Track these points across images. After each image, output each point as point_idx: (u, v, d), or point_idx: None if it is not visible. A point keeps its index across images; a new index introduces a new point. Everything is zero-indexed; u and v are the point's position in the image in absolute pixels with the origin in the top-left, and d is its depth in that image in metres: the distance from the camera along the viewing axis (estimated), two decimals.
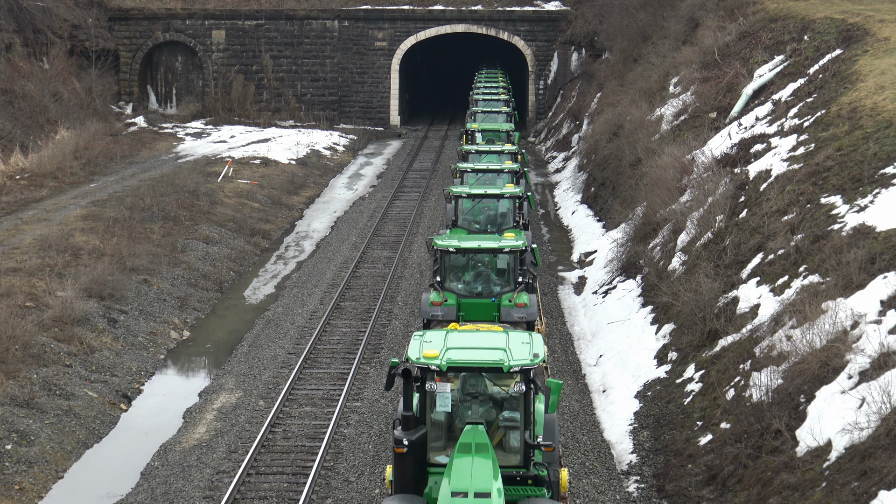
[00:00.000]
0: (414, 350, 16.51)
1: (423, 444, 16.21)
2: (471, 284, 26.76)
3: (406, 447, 15.86)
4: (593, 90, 62.45)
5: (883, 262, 21.13)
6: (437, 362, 16.05)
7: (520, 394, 16.35)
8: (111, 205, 42.95)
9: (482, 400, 17.09)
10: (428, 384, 16.25)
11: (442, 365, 16.04)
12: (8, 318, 27.81)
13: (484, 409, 17.02)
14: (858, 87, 30.20)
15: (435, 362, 16.04)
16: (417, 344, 16.75)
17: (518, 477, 16.24)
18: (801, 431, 18.53)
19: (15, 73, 60.23)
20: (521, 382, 16.19)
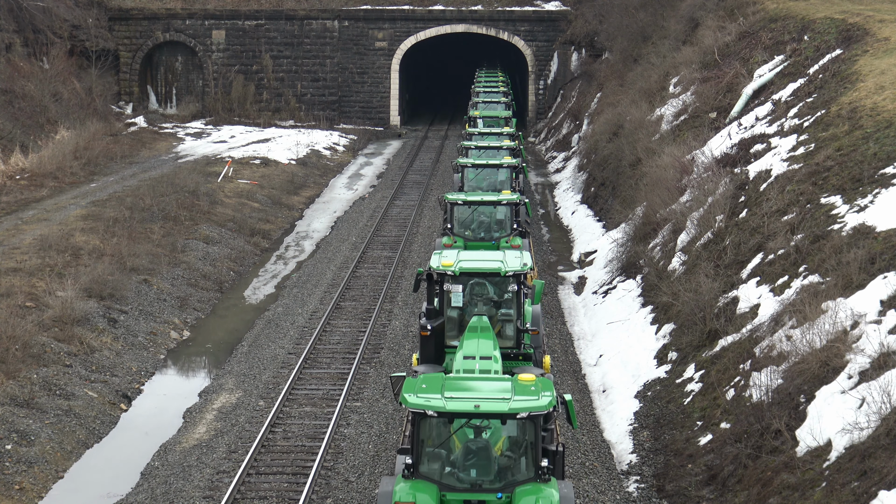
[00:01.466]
0: (435, 261, 21.93)
1: (441, 330, 21.41)
2: (475, 231, 31.77)
3: (429, 331, 21.26)
4: (593, 90, 62.45)
5: (883, 262, 21.13)
6: (452, 269, 21.50)
7: (513, 293, 21.88)
8: (111, 205, 42.95)
9: (485, 300, 22.29)
10: (445, 286, 21.63)
11: (456, 270, 21.53)
12: (8, 318, 27.81)
13: (486, 308, 22.10)
14: (858, 87, 30.20)
15: (450, 269, 21.47)
16: (437, 258, 22.12)
17: (512, 354, 21.57)
18: (801, 431, 18.54)
19: (15, 73, 60.23)
20: (514, 283, 21.74)
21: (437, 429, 15.89)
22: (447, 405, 15.34)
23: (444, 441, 15.94)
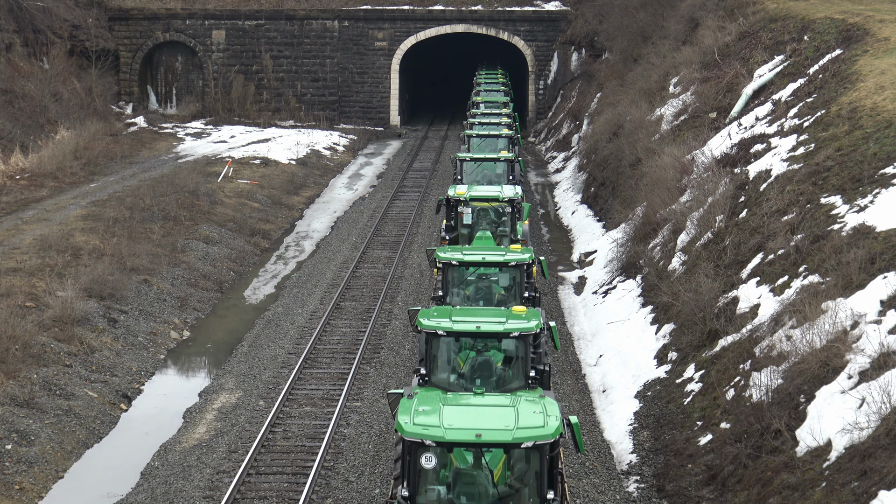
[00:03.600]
0: (451, 191, 31.25)
1: (455, 241, 30.50)
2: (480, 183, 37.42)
3: (448, 241, 30.56)
4: (593, 90, 62.45)
5: (883, 262, 21.13)
6: (465, 196, 30.78)
7: (508, 214, 31.07)
8: (111, 205, 42.95)
9: (488, 221, 31.30)
10: (459, 208, 30.81)
11: (467, 197, 30.86)
12: (8, 318, 27.81)
13: (488, 224, 31.12)
14: (858, 87, 30.20)
15: (463, 196, 30.77)
16: (453, 189, 31.43)
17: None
18: (801, 431, 18.54)
19: (15, 73, 60.23)
20: (509, 206, 30.95)
21: (446, 346, 19.65)
22: (454, 326, 19.04)
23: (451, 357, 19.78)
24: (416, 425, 14.65)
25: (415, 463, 14.71)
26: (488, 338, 19.59)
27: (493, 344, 19.94)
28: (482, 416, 14.94)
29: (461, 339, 19.97)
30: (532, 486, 14.98)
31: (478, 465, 15.30)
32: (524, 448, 14.54)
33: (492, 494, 15.24)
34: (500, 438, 14.51)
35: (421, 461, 14.65)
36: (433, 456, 14.65)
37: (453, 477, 15.42)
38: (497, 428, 14.57)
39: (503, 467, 15.56)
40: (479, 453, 15.27)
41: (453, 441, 14.59)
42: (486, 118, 50.54)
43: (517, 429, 14.54)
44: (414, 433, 14.56)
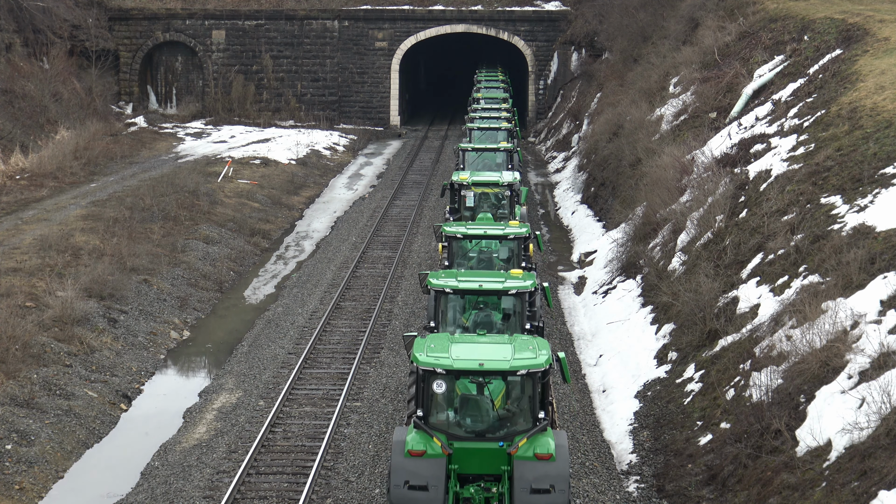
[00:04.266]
0: (455, 176, 33.62)
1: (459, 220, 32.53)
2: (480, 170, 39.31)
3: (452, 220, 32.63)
4: (593, 90, 62.45)
5: (883, 262, 21.13)
6: (467, 181, 33.19)
7: (507, 198, 33.41)
8: (111, 205, 42.94)
9: (489, 204, 33.51)
10: (462, 192, 33.14)
11: (469, 182, 33.25)
12: (8, 318, 27.80)
13: (489, 207, 33.40)
14: (858, 87, 30.20)
15: (466, 181, 33.15)
16: (457, 175, 33.79)
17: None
18: (801, 431, 18.54)
19: (15, 73, 60.21)
20: (508, 190, 33.37)
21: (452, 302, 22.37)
22: (460, 285, 21.77)
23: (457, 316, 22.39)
24: (429, 357, 17.16)
25: (428, 389, 17.27)
26: (489, 295, 22.25)
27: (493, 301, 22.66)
28: (484, 351, 17.62)
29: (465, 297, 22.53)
30: (526, 410, 17.52)
31: (480, 393, 17.78)
32: (519, 375, 17.10)
33: (492, 417, 17.72)
34: (499, 367, 17.13)
35: (433, 387, 17.23)
36: (443, 382, 17.23)
37: (460, 402, 17.80)
38: (497, 359, 17.21)
39: (502, 398, 17.97)
40: (482, 383, 17.70)
41: (460, 369, 17.15)
42: (487, 112, 52.53)
43: (513, 359, 17.21)
44: (427, 363, 17.10)
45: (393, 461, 17.16)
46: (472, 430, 17.62)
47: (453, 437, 17.31)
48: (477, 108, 54.00)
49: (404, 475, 16.89)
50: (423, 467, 16.89)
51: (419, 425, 17.25)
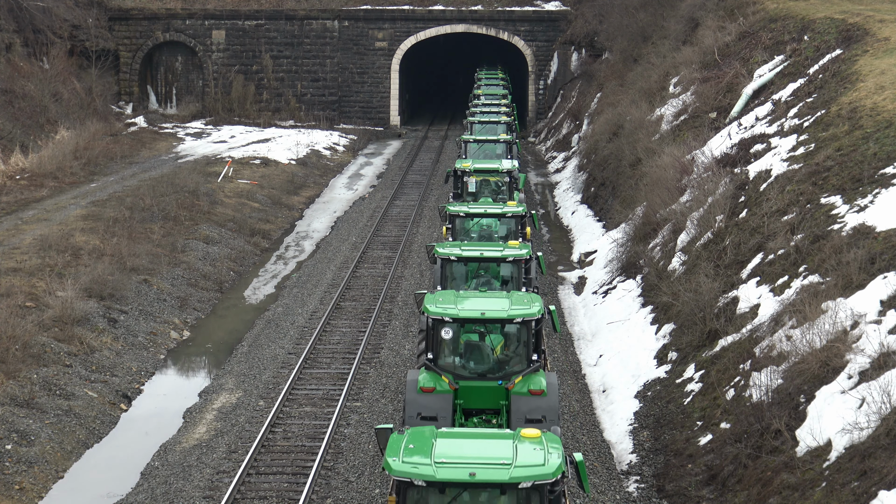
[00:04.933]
0: (458, 164, 36.16)
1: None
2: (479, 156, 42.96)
3: None
4: (593, 90, 62.45)
5: (883, 262, 21.13)
6: (469, 168, 35.65)
7: (506, 184, 36.01)
8: (111, 205, 42.94)
9: (489, 189, 35.94)
10: (464, 178, 35.65)
11: (471, 169, 35.75)
12: (8, 318, 27.80)
13: (489, 192, 35.77)
14: (858, 87, 30.20)
15: (468, 168, 35.65)
16: (460, 163, 36.23)
17: None
18: (801, 431, 18.54)
19: (15, 73, 60.21)
20: (507, 177, 35.99)
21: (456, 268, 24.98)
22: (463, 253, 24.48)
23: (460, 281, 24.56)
24: (438, 307, 19.93)
25: (437, 335, 20.01)
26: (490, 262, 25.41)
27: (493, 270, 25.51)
28: (485, 303, 20.33)
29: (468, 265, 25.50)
30: (522, 354, 20.37)
31: (483, 340, 20.59)
32: (516, 323, 19.94)
33: (492, 360, 20.55)
34: (498, 315, 19.88)
35: (441, 333, 19.98)
36: (451, 329, 20.02)
37: (464, 348, 20.67)
38: (496, 309, 20.05)
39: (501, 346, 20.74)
40: (483, 332, 20.47)
41: (465, 318, 19.94)
42: (487, 107, 55.16)
43: (510, 310, 20.01)
44: (437, 312, 19.79)
45: (407, 397, 19.85)
46: (475, 371, 20.40)
47: (459, 377, 20.12)
48: (478, 104, 56.59)
49: (417, 408, 19.56)
50: (433, 401, 19.59)
51: (430, 366, 20.08)
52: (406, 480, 13.54)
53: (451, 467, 13.54)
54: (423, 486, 13.55)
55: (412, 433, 14.55)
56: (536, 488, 13.60)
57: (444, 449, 14.00)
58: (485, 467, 13.54)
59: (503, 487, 13.57)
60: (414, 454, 13.81)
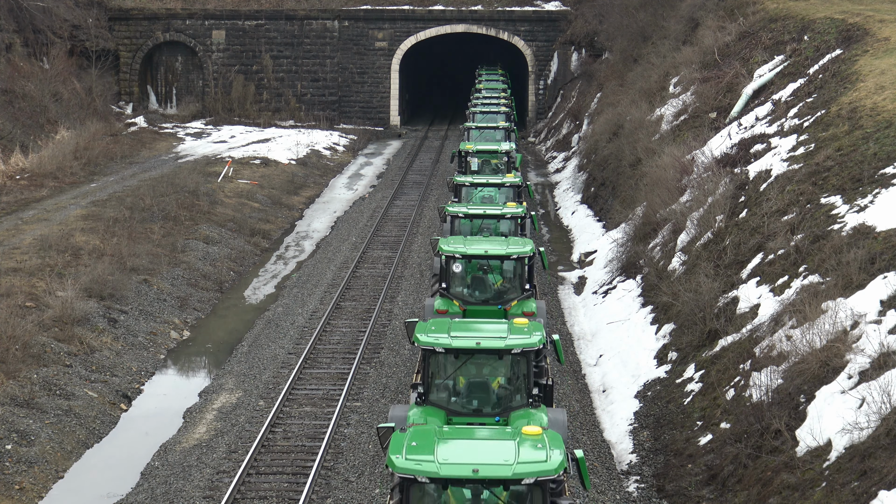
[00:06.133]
0: (462, 146, 40.84)
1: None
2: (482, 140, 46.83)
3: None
4: (593, 90, 62.45)
5: (883, 262, 21.13)
6: (472, 149, 40.37)
7: (505, 163, 40.05)
8: (111, 205, 42.94)
9: (490, 168, 40.35)
10: (468, 158, 40.36)
11: (474, 150, 40.53)
12: (8, 318, 27.80)
13: (490, 171, 39.86)
14: (858, 87, 30.20)
15: (471, 149, 40.42)
16: (464, 144, 41.18)
17: None
18: (801, 431, 18.54)
19: (15, 73, 60.20)
20: (505, 157, 40.34)
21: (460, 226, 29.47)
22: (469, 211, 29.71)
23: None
24: (451, 247, 25.04)
25: (449, 269, 25.13)
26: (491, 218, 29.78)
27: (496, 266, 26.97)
28: (488, 244, 25.42)
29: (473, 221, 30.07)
30: (517, 286, 25.45)
31: (484, 273, 25.44)
32: (513, 259, 25.02)
33: (494, 289, 25.56)
34: (498, 253, 24.98)
35: (452, 268, 25.11)
36: (460, 265, 25.19)
37: (471, 280, 25.49)
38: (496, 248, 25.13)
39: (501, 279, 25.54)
40: (486, 268, 25.52)
41: (471, 255, 25.03)
42: (487, 99, 59.13)
43: (507, 248, 25.02)
44: (449, 250, 24.95)
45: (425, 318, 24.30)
46: (479, 298, 25.37)
47: (467, 302, 25.08)
48: (479, 97, 60.19)
49: None
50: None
51: (444, 294, 25.19)
52: (410, 477, 13.67)
53: (454, 464, 13.72)
54: (426, 482, 13.70)
55: (415, 431, 14.71)
56: (539, 484, 13.83)
57: (447, 446, 14.18)
58: (488, 464, 13.73)
59: (506, 483, 13.75)
60: (417, 452, 13.95)
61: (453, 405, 18.93)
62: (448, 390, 19.20)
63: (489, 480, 13.78)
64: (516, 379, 19.09)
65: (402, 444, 14.27)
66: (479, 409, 18.89)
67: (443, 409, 18.89)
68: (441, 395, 19.02)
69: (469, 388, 19.12)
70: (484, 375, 19.25)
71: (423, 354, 18.91)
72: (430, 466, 13.76)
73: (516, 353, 18.52)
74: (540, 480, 13.80)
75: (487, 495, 14.25)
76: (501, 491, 13.98)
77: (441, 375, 19.12)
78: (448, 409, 18.81)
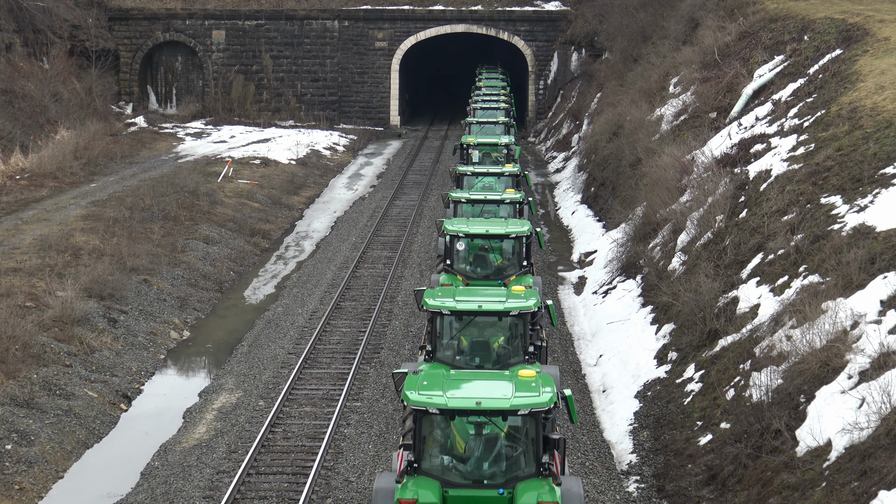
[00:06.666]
0: (464, 139, 43.11)
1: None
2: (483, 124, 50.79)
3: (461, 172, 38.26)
4: (593, 90, 62.45)
5: (883, 262, 21.14)
6: (474, 142, 42.65)
7: (504, 155, 42.24)
8: (111, 205, 42.94)
9: (490, 160, 42.19)
10: (469, 150, 42.34)
11: (475, 142, 42.66)
12: (8, 318, 27.80)
13: (490, 162, 41.60)
14: (858, 87, 30.20)
15: (472, 142, 42.65)
16: (465, 137, 43.32)
17: None
18: (801, 431, 18.54)
19: (15, 73, 60.20)
20: (504, 149, 42.54)
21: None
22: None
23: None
24: (455, 227, 27.29)
25: (454, 248, 27.36)
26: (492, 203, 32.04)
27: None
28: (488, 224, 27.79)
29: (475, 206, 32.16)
30: (515, 263, 27.56)
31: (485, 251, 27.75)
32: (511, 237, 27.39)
33: (494, 266, 27.69)
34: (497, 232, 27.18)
35: (456, 245, 27.35)
36: (464, 243, 27.32)
37: (473, 258, 27.75)
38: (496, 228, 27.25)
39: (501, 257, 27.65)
40: (487, 247, 27.58)
41: (473, 233, 27.27)
42: (487, 94, 61.04)
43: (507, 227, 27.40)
44: (453, 230, 27.15)
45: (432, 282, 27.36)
46: (480, 274, 27.44)
47: (469, 278, 26.84)
48: (479, 94, 61.84)
49: None
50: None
51: (448, 269, 27.07)
52: (422, 409, 15.98)
53: (460, 398, 16.04)
54: (436, 413, 15.96)
55: (426, 373, 17.27)
56: (532, 415, 16.06)
57: (454, 384, 16.56)
58: (489, 398, 16.06)
59: (504, 414, 16.04)
60: (428, 389, 16.28)
61: (458, 362, 20.75)
62: (453, 349, 21.05)
63: (490, 411, 16.00)
64: (514, 339, 20.99)
65: (416, 383, 16.54)
66: (480, 365, 20.86)
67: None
68: (447, 353, 20.83)
69: (472, 347, 21.08)
70: (486, 336, 21.16)
71: (430, 317, 20.72)
72: (439, 400, 15.98)
73: (514, 314, 20.39)
74: (534, 411, 15.97)
75: (489, 429, 16.38)
76: (501, 421, 16.16)
77: (446, 336, 20.94)
78: (452, 365, 20.55)
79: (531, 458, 16.33)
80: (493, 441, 16.48)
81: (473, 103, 58.67)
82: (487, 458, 16.42)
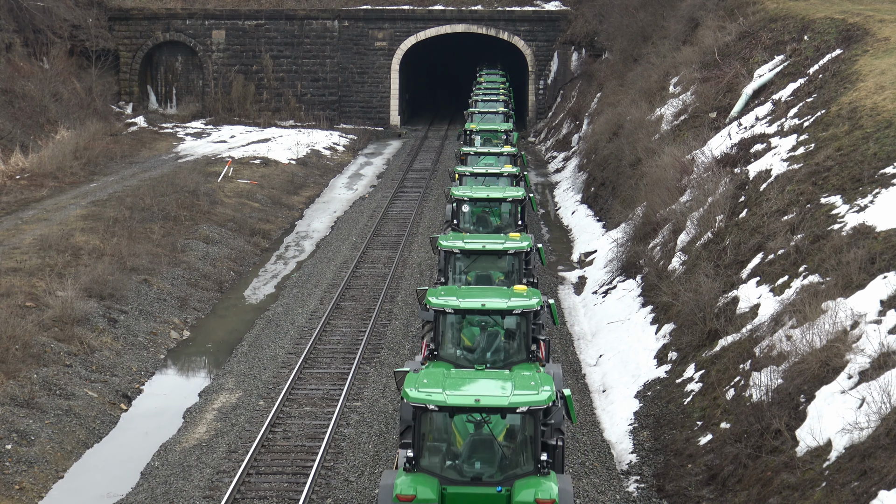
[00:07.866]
0: (467, 125, 47.35)
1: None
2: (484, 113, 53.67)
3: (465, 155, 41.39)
4: (593, 90, 62.45)
5: (883, 262, 21.14)
6: (475, 128, 46.53)
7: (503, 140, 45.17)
8: (111, 205, 42.94)
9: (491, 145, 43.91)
10: (472, 136, 45.97)
11: (477, 129, 46.46)
12: (8, 318, 27.80)
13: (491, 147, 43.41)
14: (858, 87, 30.20)
15: (475, 128, 46.43)
16: (468, 125, 47.36)
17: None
18: (801, 431, 18.54)
19: (15, 73, 60.21)
20: (504, 135, 45.74)
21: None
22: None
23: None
24: (460, 192, 31.32)
25: (459, 209, 31.20)
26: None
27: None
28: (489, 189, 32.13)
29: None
30: (511, 224, 31.37)
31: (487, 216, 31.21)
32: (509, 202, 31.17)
33: (493, 227, 31.15)
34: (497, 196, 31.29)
35: (462, 209, 31.15)
36: (468, 206, 31.24)
37: (476, 218, 31.39)
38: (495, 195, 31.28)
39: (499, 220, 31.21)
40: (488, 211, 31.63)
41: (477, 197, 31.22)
42: (488, 87, 63.94)
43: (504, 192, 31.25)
44: (459, 195, 30.99)
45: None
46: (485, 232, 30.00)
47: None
48: (480, 87, 64.40)
49: None
50: None
51: (455, 228, 30.78)
52: (421, 406, 16.01)
53: (459, 395, 16.11)
54: (435, 410, 15.98)
55: (426, 372, 17.29)
56: (531, 413, 16.09)
57: (453, 382, 16.64)
58: (488, 396, 16.13)
59: (503, 411, 16.07)
60: (428, 386, 16.34)
61: (461, 360, 20.81)
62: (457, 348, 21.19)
63: (489, 409, 15.99)
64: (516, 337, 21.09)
65: (416, 381, 16.58)
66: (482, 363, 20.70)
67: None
68: (450, 352, 20.95)
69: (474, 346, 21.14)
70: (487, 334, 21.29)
71: (434, 316, 20.88)
72: (438, 397, 16.05)
73: (517, 313, 20.52)
74: (532, 409, 15.97)
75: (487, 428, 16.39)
76: (499, 419, 16.25)
77: (450, 335, 21.09)
78: (455, 363, 20.52)
79: (529, 456, 16.39)
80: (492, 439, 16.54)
81: (475, 96, 61.77)
82: (486, 456, 16.50)
